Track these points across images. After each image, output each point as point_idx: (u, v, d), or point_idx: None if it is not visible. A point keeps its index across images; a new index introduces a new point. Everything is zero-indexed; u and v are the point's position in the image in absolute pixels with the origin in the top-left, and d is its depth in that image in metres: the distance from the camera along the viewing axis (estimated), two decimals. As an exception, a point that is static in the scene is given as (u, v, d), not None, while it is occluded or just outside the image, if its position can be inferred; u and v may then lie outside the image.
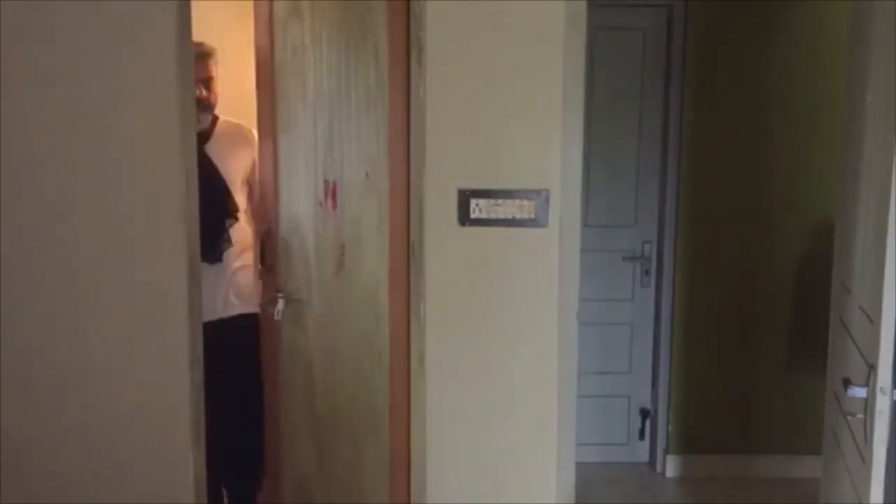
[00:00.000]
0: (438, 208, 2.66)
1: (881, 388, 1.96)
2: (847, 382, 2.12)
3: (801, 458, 4.06)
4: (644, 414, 4.36)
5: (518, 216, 2.67)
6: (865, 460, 2.03)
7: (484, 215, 2.67)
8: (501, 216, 2.66)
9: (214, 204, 3.18)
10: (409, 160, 2.71)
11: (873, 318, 2.03)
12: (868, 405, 2.02)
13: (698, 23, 4.01)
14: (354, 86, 2.91)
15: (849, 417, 2.19)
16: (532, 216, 2.68)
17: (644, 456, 4.39)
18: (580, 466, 2.89)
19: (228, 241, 3.29)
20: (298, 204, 3.24)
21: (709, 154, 4.08)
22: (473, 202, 2.66)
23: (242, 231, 3.39)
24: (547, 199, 2.68)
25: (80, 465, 2.61)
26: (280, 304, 3.23)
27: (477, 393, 2.73)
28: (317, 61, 3.07)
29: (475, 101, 2.64)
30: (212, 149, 3.27)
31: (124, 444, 2.63)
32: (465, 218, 2.66)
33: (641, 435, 4.38)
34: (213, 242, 3.19)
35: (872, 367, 2.00)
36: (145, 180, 2.56)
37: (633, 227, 4.25)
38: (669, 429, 4.25)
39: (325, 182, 3.15)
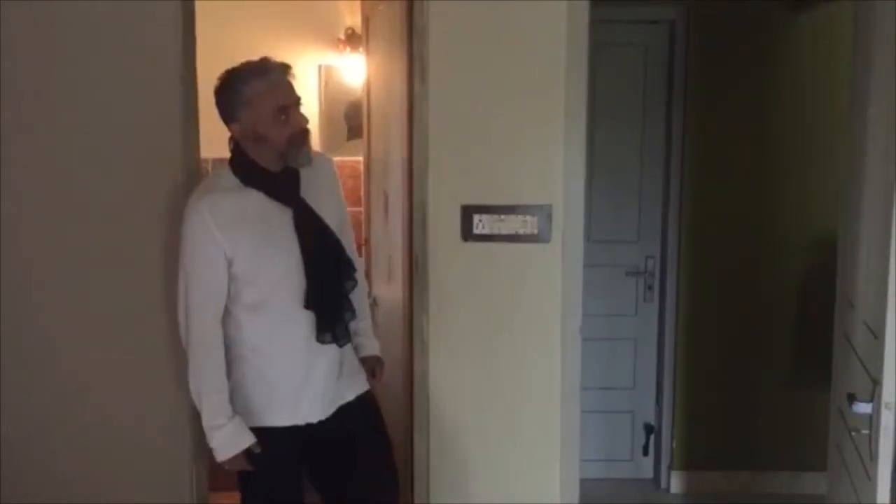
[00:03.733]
0: (441, 224, 2.66)
1: (886, 404, 1.96)
2: (852, 398, 2.12)
3: (805, 474, 4.04)
4: (648, 430, 4.34)
5: (521, 231, 2.68)
6: (870, 476, 2.02)
7: (487, 231, 2.67)
8: (504, 231, 2.66)
9: (330, 265, 2.43)
10: (411, 176, 2.73)
11: (877, 334, 2.03)
12: (873, 421, 2.02)
13: (700, 38, 4.02)
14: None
15: (853, 433, 2.18)
16: (535, 231, 2.68)
17: (648, 472, 4.37)
18: (584, 482, 2.87)
19: (351, 311, 2.49)
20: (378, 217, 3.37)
21: (711, 169, 4.08)
22: (476, 218, 2.66)
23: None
24: (550, 215, 2.68)
25: (82, 482, 2.60)
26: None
27: (480, 408, 2.73)
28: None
29: (478, 117, 2.65)
30: (305, 193, 2.42)
31: (126, 461, 2.62)
32: (468, 233, 2.67)
33: (645, 451, 4.35)
34: (336, 316, 2.43)
35: (877, 383, 1.99)
36: (147, 190, 2.56)
37: (635, 243, 4.24)
38: (674, 444, 4.23)
39: (385, 196, 3.18)
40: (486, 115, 2.65)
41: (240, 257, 2.31)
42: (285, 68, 2.36)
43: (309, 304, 2.36)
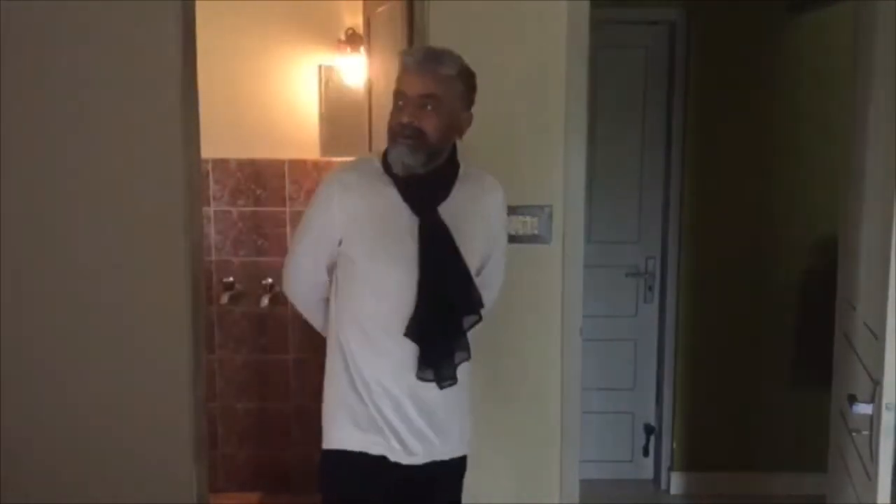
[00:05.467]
0: (442, 224, 2.65)
1: (886, 405, 1.95)
2: (852, 399, 2.12)
3: (806, 475, 4.03)
4: (648, 430, 4.34)
5: (521, 232, 2.67)
6: (871, 477, 2.02)
7: (487, 231, 2.66)
8: (504, 232, 2.65)
9: (450, 294, 2.10)
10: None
11: (878, 335, 2.02)
12: (873, 422, 2.01)
13: (700, 40, 4.02)
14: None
15: (854, 434, 2.18)
16: (535, 232, 2.68)
17: (648, 473, 4.37)
18: (584, 483, 2.87)
19: (466, 351, 2.15)
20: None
21: (712, 170, 4.08)
22: (477, 218, 2.66)
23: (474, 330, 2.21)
24: (550, 216, 2.68)
25: (82, 482, 2.60)
26: None
27: (480, 409, 2.72)
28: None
29: (478, 118, 2.64)
30: (449, 211, 2.11)
31: (126, 461, 2.62)
32: (468, 234, 2.65)
33: (645, 452, 4.35)
34: (442, 352, 2.11)
35: (878, 384, 1.99)
36: (146, 190, 2.55)
37: (636, 243, 4.24)
38: (674, 445, 4.22)
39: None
40: (487, 116, 2.64)
41: (352, 245, 2.11)
42: (426, 57, 2.08)
43: (411, 331, 2.06)
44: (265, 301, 3.88)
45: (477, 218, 2.18)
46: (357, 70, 3.85)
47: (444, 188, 2.13)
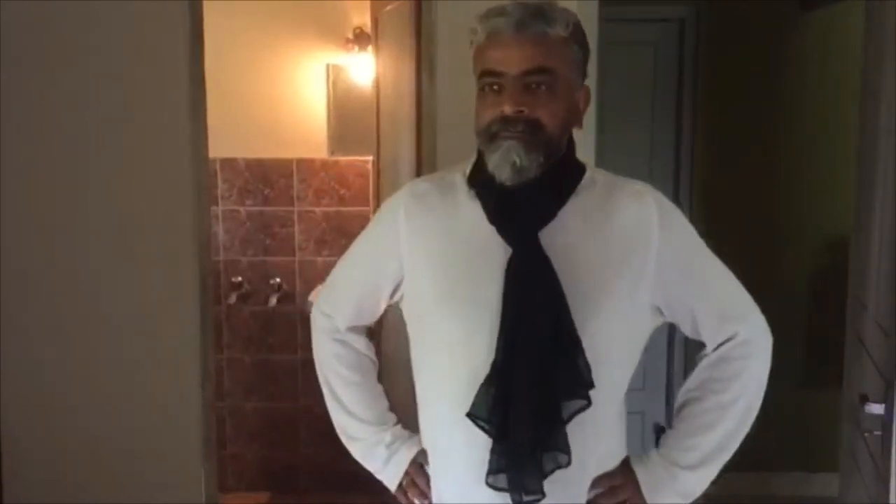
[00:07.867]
0: (450, 224, 2.65)
1: (899, 405, 1.94)
2: (864, 399, 2.10)
3: (817, 475, 4.02)
4: (658, 430, 4.32)
5: (529, 231, 2.66)
6: (882, 477, 2.00)
7: (495, 230, 2.65)
8: (513, 231, 2.64)
9: (538, 361, 1.44)
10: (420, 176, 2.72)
11: (890, 334, 2.01)
12: (885, 421, 2.00)
13: (710, 37, 4.00)
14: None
15: (866, 434, 2.16)
16: (544, 231, 2.66)
17: (658, 473, 4.35)
18: (594, 483, 2.85)
19: (565, 451, 1.52)
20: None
21: (721, 168, 4.06)
22: (485, 218, 2.65)
23: (598, 424, 1.69)
24: (558, 215, 2.66)
25: (90, 481, 2.60)
26: None
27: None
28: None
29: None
30: (558, 238, 1.46)
31: (135, 461, 2.62)
32: (476, 233, 2.64)
33: (655, 451, 4.34)
34: (526, 451, 1.45)
35: (890, 384, 1.98)
36: (154, 190, 2.55)
37: (645, 242, 4.22)
38: (684, 445, 4.21)
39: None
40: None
41: (417, 280, 1.54)
42: (529, 14, 1.43)
43: (478, 410, 1.43)
44: (273, 301, 3.89)
45: (606, 245, 1.49)
46: (365, 69, 3.85)
47: (551, 204, 1.47)
